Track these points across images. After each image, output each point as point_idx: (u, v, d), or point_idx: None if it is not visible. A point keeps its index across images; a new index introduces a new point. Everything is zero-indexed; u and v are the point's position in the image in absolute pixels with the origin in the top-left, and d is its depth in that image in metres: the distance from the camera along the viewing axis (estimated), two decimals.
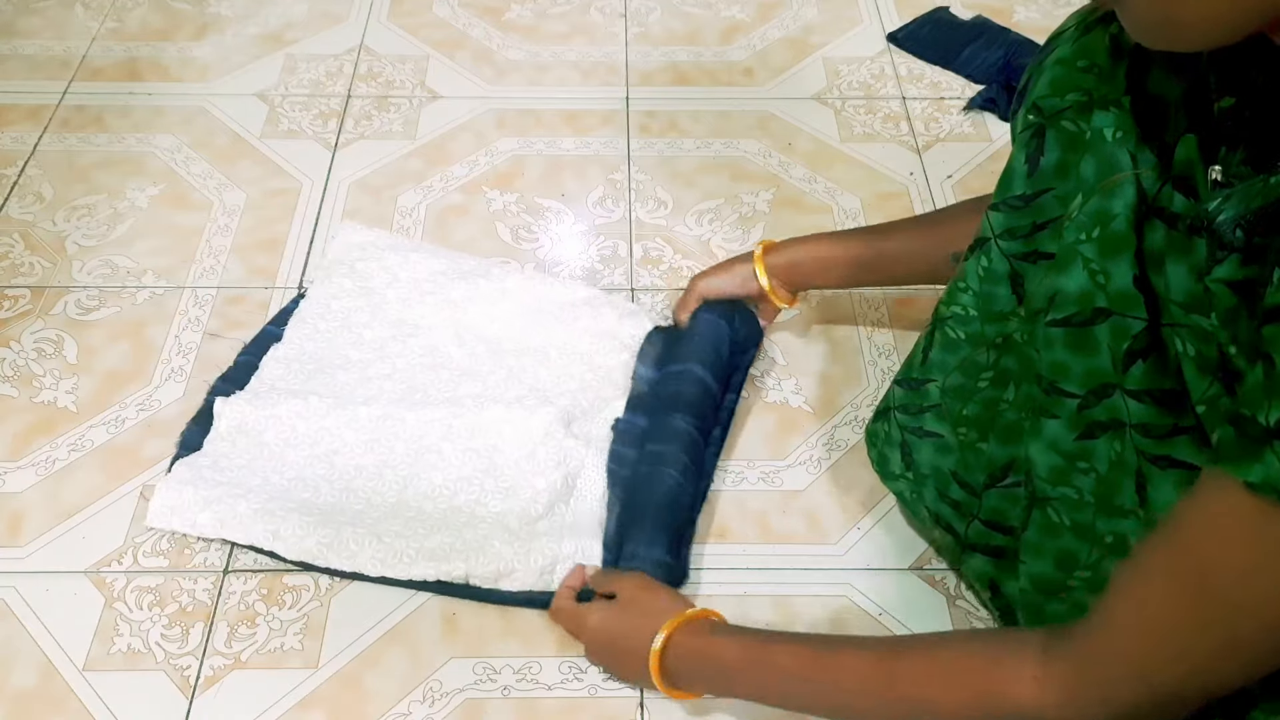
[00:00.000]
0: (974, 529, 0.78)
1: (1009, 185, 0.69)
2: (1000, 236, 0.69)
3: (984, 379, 0.74)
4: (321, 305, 1.03)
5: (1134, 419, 0.63)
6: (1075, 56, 0.65)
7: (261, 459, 0.90)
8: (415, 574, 0.83)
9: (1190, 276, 0.58)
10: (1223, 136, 0.57)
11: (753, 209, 1.18)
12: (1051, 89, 0.65)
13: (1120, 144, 0.61)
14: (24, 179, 1.20)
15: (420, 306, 1.02)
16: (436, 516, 0.87)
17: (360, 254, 1.07)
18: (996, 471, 0.75)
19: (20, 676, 0.81)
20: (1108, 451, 0.65)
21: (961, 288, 0.73)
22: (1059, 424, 0.66)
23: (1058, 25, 0.68)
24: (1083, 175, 0.63)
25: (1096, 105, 0.63)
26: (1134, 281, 0.60)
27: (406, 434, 0.91)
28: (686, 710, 0.80)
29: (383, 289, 1.04)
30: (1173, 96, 0.61)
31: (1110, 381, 0.63)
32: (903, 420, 0.81)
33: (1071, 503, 0.68)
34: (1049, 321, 0.65)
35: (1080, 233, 0.62)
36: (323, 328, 1.01)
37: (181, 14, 1.44)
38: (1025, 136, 0.67)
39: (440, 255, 1.08)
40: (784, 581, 0.87)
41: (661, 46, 1.40)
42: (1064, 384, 0.65)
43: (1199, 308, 0.57)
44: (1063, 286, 0.63)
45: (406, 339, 1.00)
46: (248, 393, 0.95)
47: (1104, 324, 0.62)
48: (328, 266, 1.06)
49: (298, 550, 0.84)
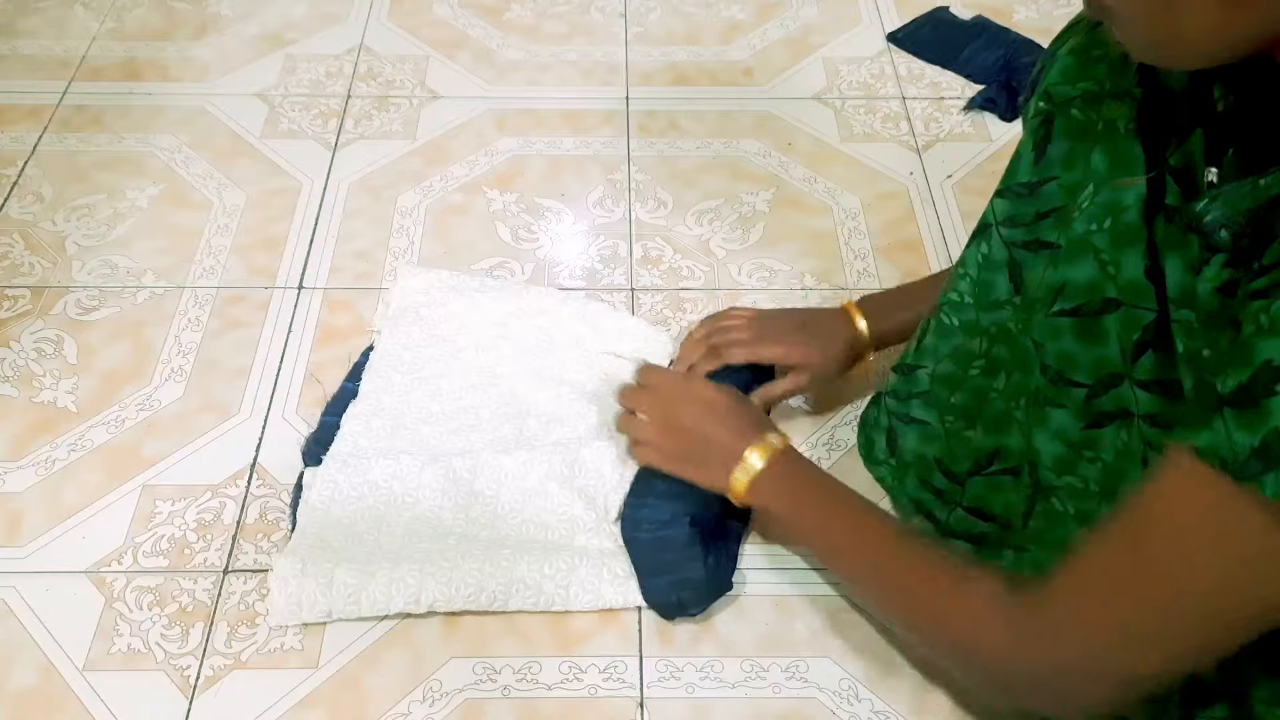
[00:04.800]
0: (955, 516, 0.78)
1: (1015, 172, 0.69)
2: (1002, 223, 0.69)
3: (975, 367, 0.74)
4: (393, 357, 1.00)
5: (1143, 409, 0.63)
6: (1088, 46, 0.65)
7: (363, 525, 0.87)
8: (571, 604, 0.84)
9: (1183, 271, 0.58)
10: (1227, 136, 0.57)
11: (753, 209, 1.18)
12: (1063, 77, 0.65)
13: (1132, 135, 0.61)
14: (24, 179, 1.20)
15: (494, 352, 1.00)
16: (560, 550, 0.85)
17: (425, 299, 1.04)
18: (982, 459, 0.75)
19: (20, 676, 0.81)
20: (1115, 440, 0.65)
21: (960, 274, 0.73)
22: (1066, 414, 0.66)
23: (1073, 16, 0.68)
24: (1093, 166, 0.63)
25: (1108, 96, 0.63)
26: (1145, 273, 0.60)
27: (508, 478, 0.89)
28: (687, 710, 0.80)
29: (453, 336, 1.01)
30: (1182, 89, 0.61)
31: (1118, 371, 0.63)
32: (892, 405, 0.81)
33: (1076, 491, 0.68)
34: (1056, 311, 0.65)
35: (1091, 223, 0.62)
36: (397, 380, 0.98)
37: (181, 14, 1.44)
38: (1035, 124, 0.67)
39: (504, 293, 1.05)
40: (784, 581, 0.87)
41: (661, 46, 1.40)
42: (1072, 374, 0.65)
43: (1188, 304, 0.57)
44: (1071, 277, 0.63)
45: (486, 388, 0.98)
46: (336, 459, 0.91)
47: (1114, 315, 0.62)
48: (394, 316, 1.03)
49: (446, 604, 0.82)
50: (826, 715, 0.79)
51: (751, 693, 0.80)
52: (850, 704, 0.80)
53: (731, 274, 1.11)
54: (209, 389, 1.00)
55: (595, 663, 0.82)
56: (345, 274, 1.11)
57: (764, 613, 0.85)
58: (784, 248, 1.14)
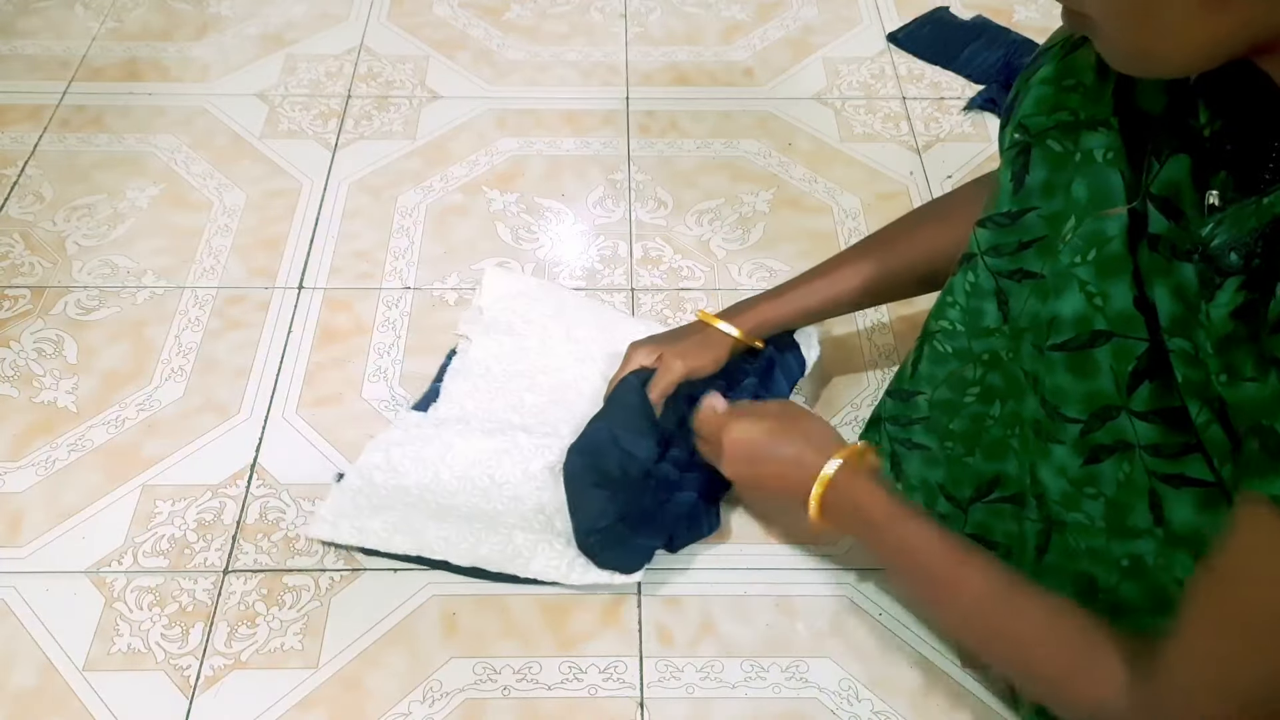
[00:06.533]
0: None
1: (995, 202, 0.68)
2: (986, 253, 0.69)
3: (970, 394, 0.74)
4: (481, 365, 1.00)
5: (1143, 440, 0.62)
6: (1060, 75, 0.64)
7: (420, 473, 0.90)
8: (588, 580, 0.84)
9: (1172, 299, 0.57)
10: (1217, 160, 0.56)
11: (753, 209, 1.18)
12: (1037, 108, 0.65)
13: (1111, 165, 0.61)
14: (24, 179, 1.20)
15: (581, 367, 1.00)
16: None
17: (510, 306, 1.04)
18: (983, 486, 0.75)
19: (20, 676, 0.81)
20: (1115, 474, 0.64)
21: (949, 302, 0.73)
22: (1064, 449, 0.66)
23: (1053, 31, 0.68)
24: (1075, 197, 0.62)
25: (1084, 126, 0.62)
26: (1134, 302, 0.60)
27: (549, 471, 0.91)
28: (687, 710, 0.80)
29: (538, 346, 1.01)
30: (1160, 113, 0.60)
31: (1113, 404, 0.62)
32: (892, 431, 0.81)
33: (1084, 528, 0.67)
34: (1049, 346, 0.64)
35: (1075, 255, 0.61)
36: (483, 386, 0.99)
37: (181, 14, 1.44)
38: (1011, 154, 0.66)
39: (590, 309, 1.05)
40: (784, 581, 0.87)
41: (661, 46, 1.40)
42: (1065, 409, 0.64)
43: (1182, 331, 0.56)
44: (1059, 311, 0.63)
45: (571, 405, 0.98)
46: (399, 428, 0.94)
47: (1105, 346, 0.61)
48: (485, 324, 1.03)
49: (471, 557, 0.84)
50: (826, 715, 0.79)
51: (751, 693, 0.80)
52: (850, 704, 0.80)
53: (731, 274, 1.11)
54: (209, 389, 1.00)
55: (595, 663, 0.82)
56: (345, 274, 1.11)
57: (764, 613, 0.85)
58: (784, 248, 1.14)
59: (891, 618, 0.85)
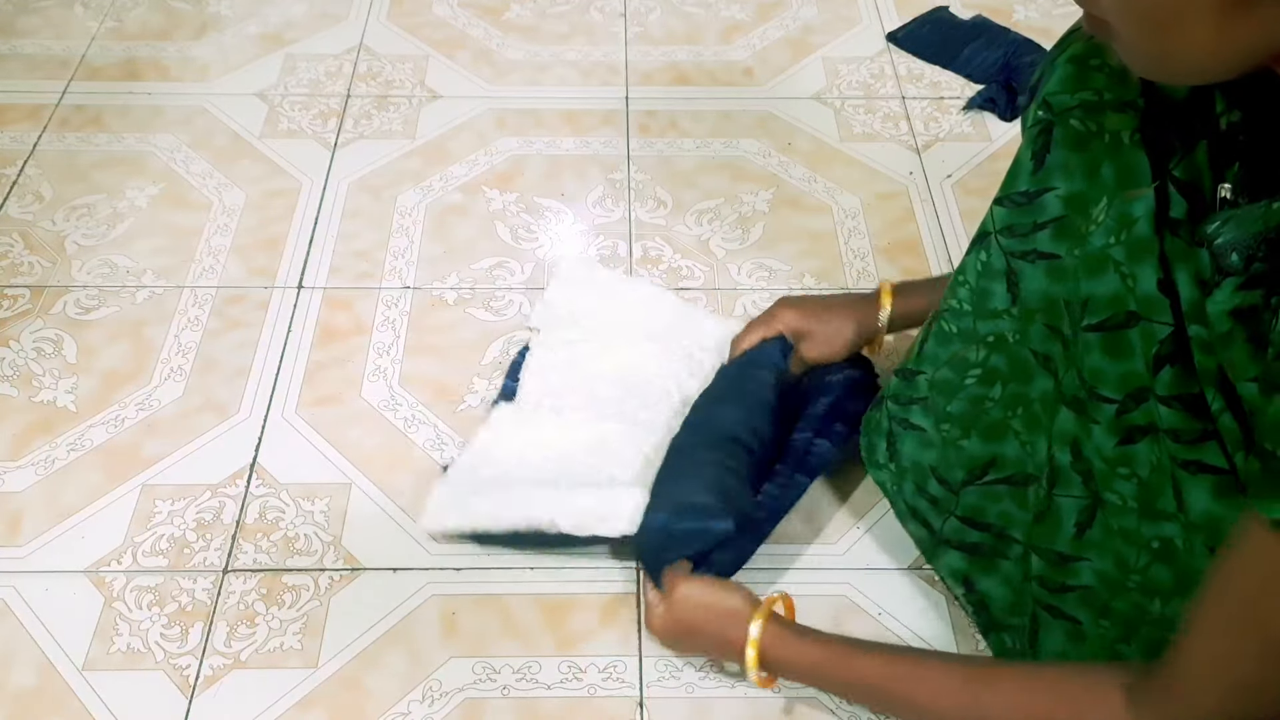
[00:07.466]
0: (950, 525, 0.78)
1: (1014, 180, 0.68)
2: (1000, 232, 0.69)
3: (971, 375, 0.74)
4: (553, 355, 1.01)
5: (1165, 424, 0.62)
6: (1087, 55, 0.64)
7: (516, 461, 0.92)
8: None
9: (1192, 285, 0.57)
10: (1232, 151, 0.57)
11: (752, 209, 1.18)
12: (1062, 86, 0.65)
13: (1136, 146, 0.61)
14: (23, 179, 1.20)
15: (654, 363, 1.00)
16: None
17: (581, 296, 1.05)
18: (977, 469, 0.75)
19: (20, 676, 0.81)
20: (1149, 456, 0.64)
21: (960, 281, 0.73)
22: (1101, 429, 0.66)
23: (1073, 19, 0.68)
24: (1103, 179, 0.62)
25: (1110, 107, 0.62)
26: (1159, 285, 0.60)
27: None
28: (686, 710, 0.80)
29: (609, 339, 1.02)
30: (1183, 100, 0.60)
31: (1146, 385, 0.62)
32: (892, 409, 0.81)
33: (1117, 509, 0.67)
34: (1085, 327, 0.64)
35: (1109, 236, 0.61)
36: (554, 379, 0.99)
37: (181, 14, 1.44)
38: (1034, 132, 0.66)
39: (659, 300, 1.05)
40: (784, 581, 0.87)
41: (661, 46, 1.40)
42: (1102, 389, 0.64)
43: (1199, 319, 0.57)
44: (1095, 291, 0.63)
45: (645, 396, 0.98)
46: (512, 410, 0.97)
47: (1135, 328, 0.62)
48: (556, 318, 1.04)
49: (574, 524, 0.84)
50: (826, 715, 0.79)
51: (751, 692, 0.80)
52: (850, 704, 0.80)
53: (731, 274, 1.11)
54: (208, 389, 1.00)
55: (595, 662, 0.82)
56: (345, 274, 1.11)
57: None
58: (784, 247, 1.14)
59: (891, 618, 0.85)
